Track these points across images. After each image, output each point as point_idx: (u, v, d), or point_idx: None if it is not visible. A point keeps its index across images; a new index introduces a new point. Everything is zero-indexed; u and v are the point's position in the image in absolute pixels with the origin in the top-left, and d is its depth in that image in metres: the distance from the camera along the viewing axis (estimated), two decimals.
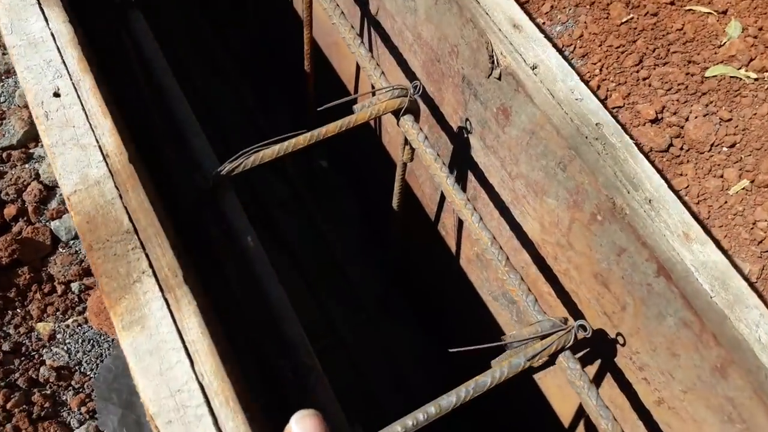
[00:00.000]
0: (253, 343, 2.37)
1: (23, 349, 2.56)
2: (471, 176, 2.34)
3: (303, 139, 1.86)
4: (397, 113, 2.05)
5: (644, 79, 2.93)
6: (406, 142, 2.16)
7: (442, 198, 2.64)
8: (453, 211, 2.57)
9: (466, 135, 2.25)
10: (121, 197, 1.45)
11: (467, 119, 2.20)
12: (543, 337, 1.62)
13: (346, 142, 3.59)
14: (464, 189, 2.40)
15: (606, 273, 1.82)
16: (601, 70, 2.84)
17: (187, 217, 2.35)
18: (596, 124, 1.78)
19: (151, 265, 1.39)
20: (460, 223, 2.56)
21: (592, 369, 2.06)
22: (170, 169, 2.67)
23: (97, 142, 1.50)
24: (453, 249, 2.73)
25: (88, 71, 1.57)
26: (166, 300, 1.35)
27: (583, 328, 1.63)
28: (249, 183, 3.66)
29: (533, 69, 1.88)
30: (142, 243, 1.41)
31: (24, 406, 2.41)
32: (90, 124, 1.52)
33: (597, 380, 2.05)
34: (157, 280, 1.37)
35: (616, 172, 1.70)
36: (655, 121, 2.82)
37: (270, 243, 3.56)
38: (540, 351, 1.58)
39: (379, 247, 3.65)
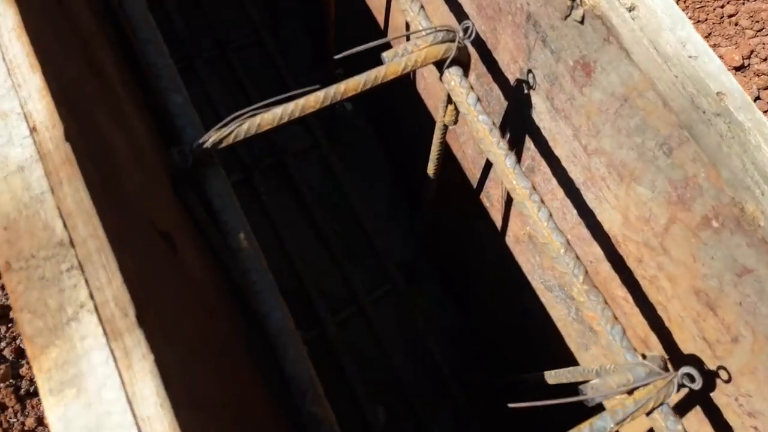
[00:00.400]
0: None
1: (10, 313, 2.23)
2: (529, 142, 1.86)
3: (314, 101, 1.40)
4: (440, 64, 1.57)
5: (730, 16, 2.39)
6: (450, 100, 1.69)
7: (489, 163, 2.17)
8: (503, 181, 2.11)
9: (526, 91, 1.76)
10: (53, 192, 1.02)
11: (530, 71, 1.71)
12: (634, 388, 1.20)
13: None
14: (519, 157, 1.93)
15: (714, 293, 1.37)
16: (677, 2, 2.32)
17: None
18: (717, 94, 1.29)
19: (92, 297, 0.97)
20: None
21: (674, 397, 1.64)
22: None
23: (22, 108, 1.07)
24: (498, 224, 2.29)
25: (12, 3, 1.11)
26: (112, 351, 0.94)
27: (690, 377, 1.20)
28: None
29: (630, 11, 1.38)
30: (80, 263, 0.99)
31: (10, 381, 2.10)
32: (12, 82, 1.08)
33: (681, 410, 1.64)
34: (101, 321, 0.96)
35: (746, 164, 1.23)
36: (740, 68, 2.32)
37: (285, 198, 3.14)
38: (633, 411, 1.16)
39: (408, 209, 3.21)
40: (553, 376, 1.85)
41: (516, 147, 1.93)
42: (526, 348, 2.50)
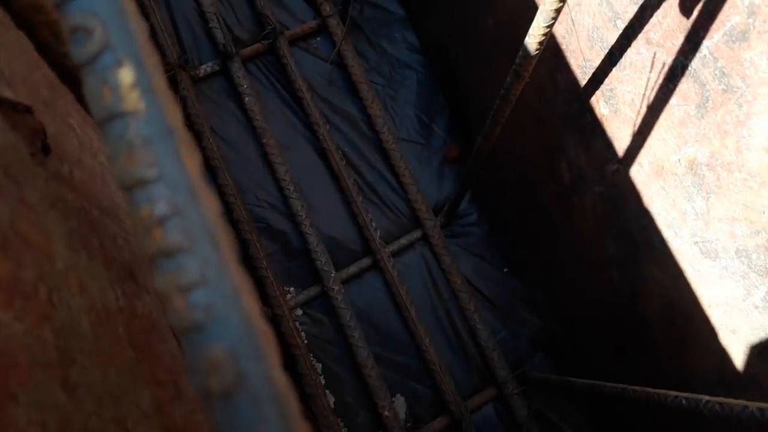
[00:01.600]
0: None
1: None
2: None
3: None
4: None
5: None
6: None
7: (626, 40, 1.29)
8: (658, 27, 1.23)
9: None
10: None
11: None
12: None
13: None
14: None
15: None
16: None
17: None
18: None
19: None
20: (679, 69, 1.22)
21: None
22: None
23: None
24: (619, 144, 1.42)
25: None
26: None
27: None
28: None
29: None
30: None
31: None
32: None
33: None
34: None
35: None
36: None
37: (277, 104, 2.26)
38: None
39: (448, 121, 2.33)
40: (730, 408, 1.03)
41: None
42: (631, 341, 1.68)
